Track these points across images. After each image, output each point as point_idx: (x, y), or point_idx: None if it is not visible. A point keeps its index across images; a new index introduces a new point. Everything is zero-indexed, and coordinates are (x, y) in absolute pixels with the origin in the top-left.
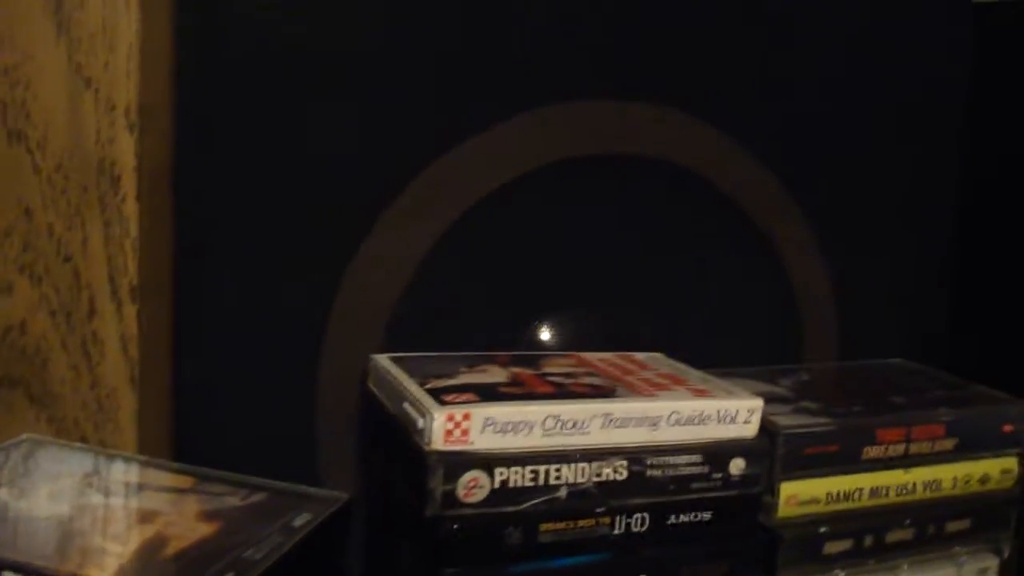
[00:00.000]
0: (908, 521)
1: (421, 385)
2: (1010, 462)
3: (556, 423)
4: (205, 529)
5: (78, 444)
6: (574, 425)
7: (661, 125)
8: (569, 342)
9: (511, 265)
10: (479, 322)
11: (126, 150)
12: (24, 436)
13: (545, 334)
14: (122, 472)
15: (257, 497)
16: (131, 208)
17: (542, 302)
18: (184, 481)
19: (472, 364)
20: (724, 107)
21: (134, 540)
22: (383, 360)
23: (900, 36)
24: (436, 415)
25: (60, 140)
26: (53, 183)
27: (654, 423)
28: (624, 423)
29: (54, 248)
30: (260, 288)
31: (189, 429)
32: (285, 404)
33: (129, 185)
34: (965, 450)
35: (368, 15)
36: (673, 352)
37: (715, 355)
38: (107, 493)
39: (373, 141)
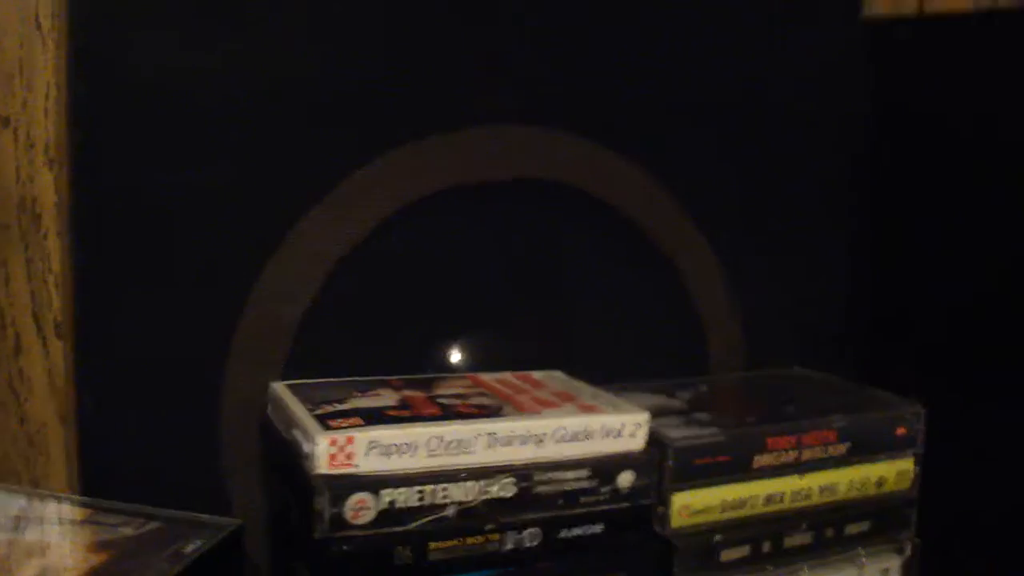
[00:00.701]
0: (805, 525)
1: (311, 411)
2: (906, 464)
3: (440, 443)
4: (95, 559)
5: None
6: (459, 445)
7: (557, 149)
8: (474, 363)
9: (412, 289)
10: (381, 347)
11: (46, 187)
12: None
13: (449, 356)
14: (15, 507)
15: (151, 526)
16: (53, 244)
17: (445, 325)
18: (80, 513)
19: (365, 389)
20: (623, 130)
21: (24, 573)
22: (279, 388)
23: (796, 53)
24: (319, 440)
25: None
26: None
27: (540, 440)
28: (509, 441)
29: None
30: (162, 319)
31: (96, 463)
32: (191, 435)
33: (50, 222)
34: (859, 454)
35: (259, 44)
36: (578, 369)
37: (620, 373)
38: (5, 528)
39: (268, 173)
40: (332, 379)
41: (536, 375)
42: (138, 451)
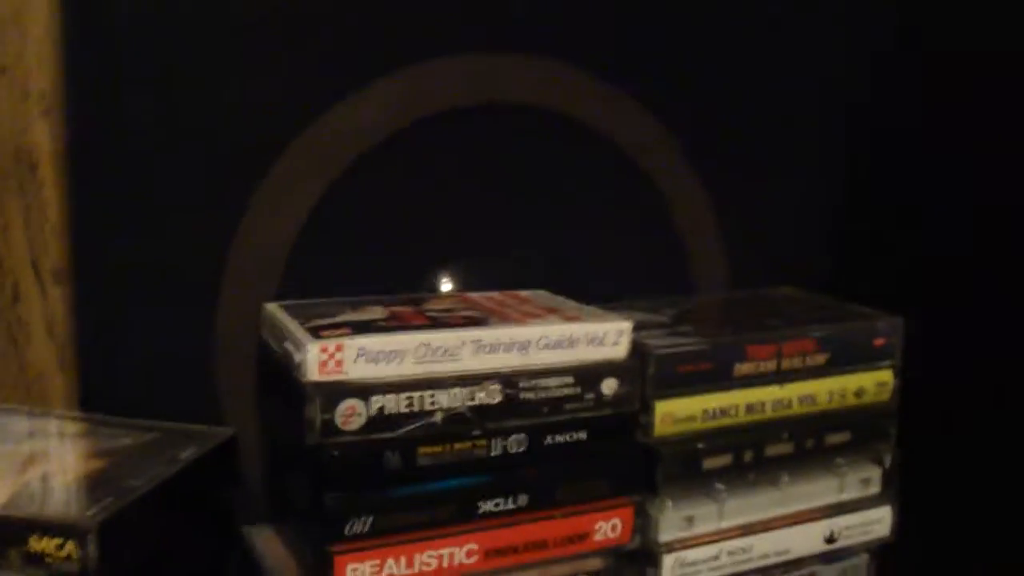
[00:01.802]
0: (786, 435)
1: (302, 324)
2: (885, 375)
3: (427, 351)
4: (94, 464)
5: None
6: (445, 352)
7: (545, 75)
8: (462, 287)
9: (402, 213)
10: (370, 272)
11: (42, 136)
12: None
13: (437, 279)
14: (24, 423)
15: (149, 436)
16: (50, 193)
17: (433, 249)
18: (84, 428)
19: (357, 306)
20: (603, 53)
21: (23, 477)
22: (272, 307)
23: None
24: (310, 347)
25: None
26: None
27: (524, 347)
28: (495, 348)
29: None
30: (156, 248)
31: (94, 390)
32: (187, 360)
33: (47, 171)
34: (837, 364)
35: None
36: (565, 291)
37: (605, 297)
38: (5, 441)
39: (257, 98)
40: (322, 299)
41: (523, 293)
42: (136, 379)
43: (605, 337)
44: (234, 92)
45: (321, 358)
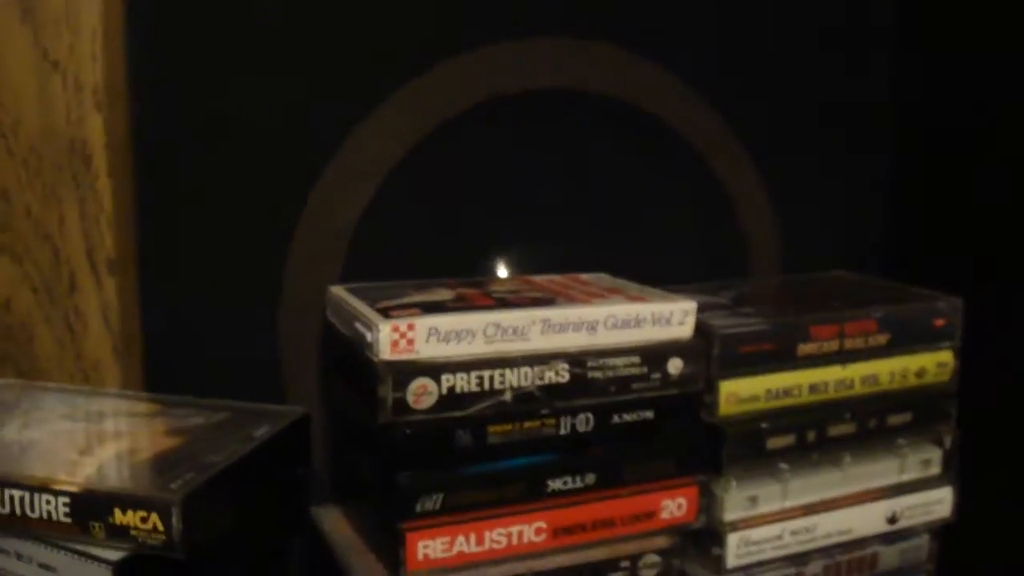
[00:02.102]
0: (849, 415)
1: (371, 306)
2: (945, 355)
3: (497, 330)
4: (170, 442)
5: (57, 385)
6: (515, 332)
7: (596, 59)
8: (521, 270)
9: (461, 197)
10: (433, 256)
11: (95, 129)
12: (4, 381)
13: (497, 264)
14: (95, 403)
15: (221, 416)
16: (104, 184)
17: (493, 235)
18: (154, 407)
19: (422, 288)
20: (655, 37)
21: (103, 454)
22: (339, 290)
23: None
24: (382, 327)
25: (32, 123)
26: (28, 165)
27: (592, 327)
28: (563, 328)
29: (32, 227)
30: (221, 231)
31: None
32: (252, 348)
33: (101, 163)
34: (899, 344)
35: None
36: (619, 272)
37: (663, 276)
38: (79, 420)
39: (319, 86)
40: (387, 282)
41: (584, 276)
42: (198, 365)
43: (671, 317)
44: (296, 77)
45: (393, 337)
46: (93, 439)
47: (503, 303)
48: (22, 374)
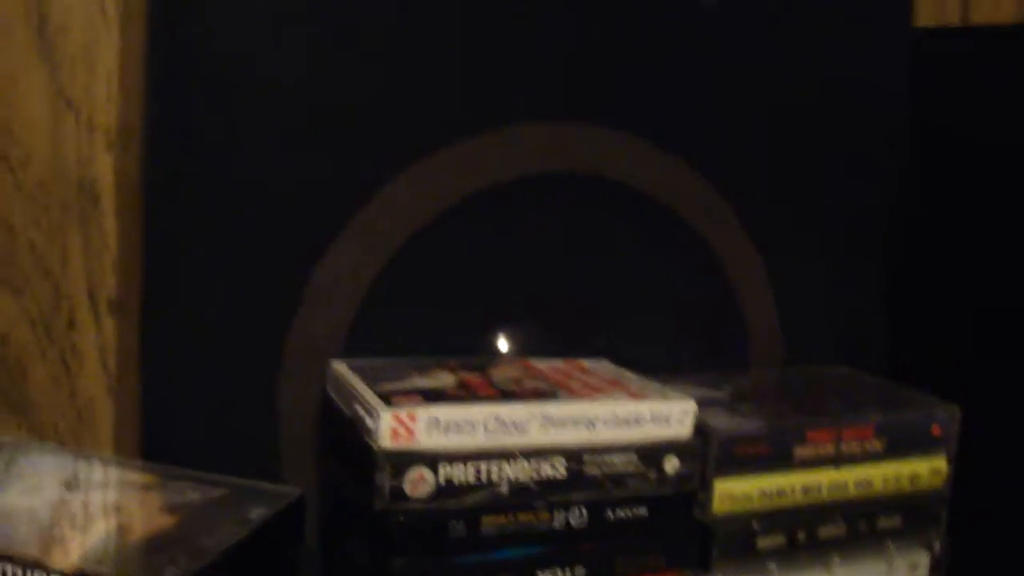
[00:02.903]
0: (840, 517)
1: (372, 389)
2: (940, 462)
3: (498, 423)
4: (165, 520)
5: (53, 445)
6: (515, 425)
7: (593, 141)
8: (523, 350)
9: (465, 277)
10: (434, 334)
11: (106, 169)
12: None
13: (500, 343)
14: (92, 471)
15: (217, 492)
16: (111, 225)
17: (495, 315)
18: (149, 479)
19: (423, 370)
20: (664, 123)
21: (97, 530)
22: (340, 366)
23: (840, 56)
24: (383, 415)
25: (42, 159)
26: (35, 200)
27: (591, 423)
28: (563, 423)
29: (35, 262)
30: (224, 299)
31: (157, 434)
32: (249, 411)
33: (108, 203)
34: (895, 450)
35: (323, 44)
36: (621, 359)
37: (662, 365)
38: (75, 489)
39: (329, 163)
40: (391, 359)
41: (585, 363)
42: (195, 425)
43: (671, 417)
44: (313, 150)
45: (393, 426)
46: (90, 512)
47: (504, 394)
48: (13, 406)
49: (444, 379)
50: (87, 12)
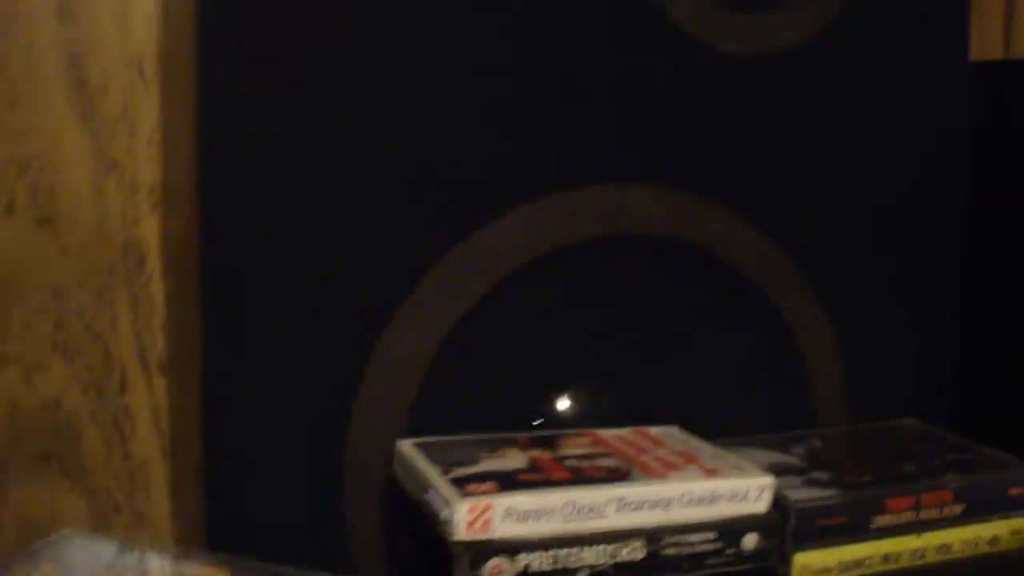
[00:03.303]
0: None
1: (444, 474)
2: (1019, 523)
3: (574, 509)
4: None
5: (115, 538)
6: (591, 510)
7: (661, 203)
8: (588, 415)
9: (532, 343)
10: (501, 399)
11: (150, 230)
12: (64, 531)
13: (565, 409)
14: (155, 564)
15: None
16: (157, 286)
17: (561, 380)
18: (218, 572)
19: (493, 448)
20: (723, 180)
21: None
22: (407, 447)
23: (899, 100)
24: (459, 507)
25: (86, 222)
26: (81, 264)
27: (668, 504)
28: (639, 506)
29: (85, 327)
30: (286, 367)
31: (219, 509)
32: (314, 485)
33: (155, 264)
34: (973, 514)
35: (373, 107)
36: (687, 420)
37: (729, 423)
38: None
39: (392, 229)
40: (458, 436)
41: (653, 431)
42: (260, 497)
43: (748, 493)
44: (371, 220)
45: (469, 518)
46: None
47: (577, 474)
48: (66, 472)
49: (514, 459)
50: (125, 72)
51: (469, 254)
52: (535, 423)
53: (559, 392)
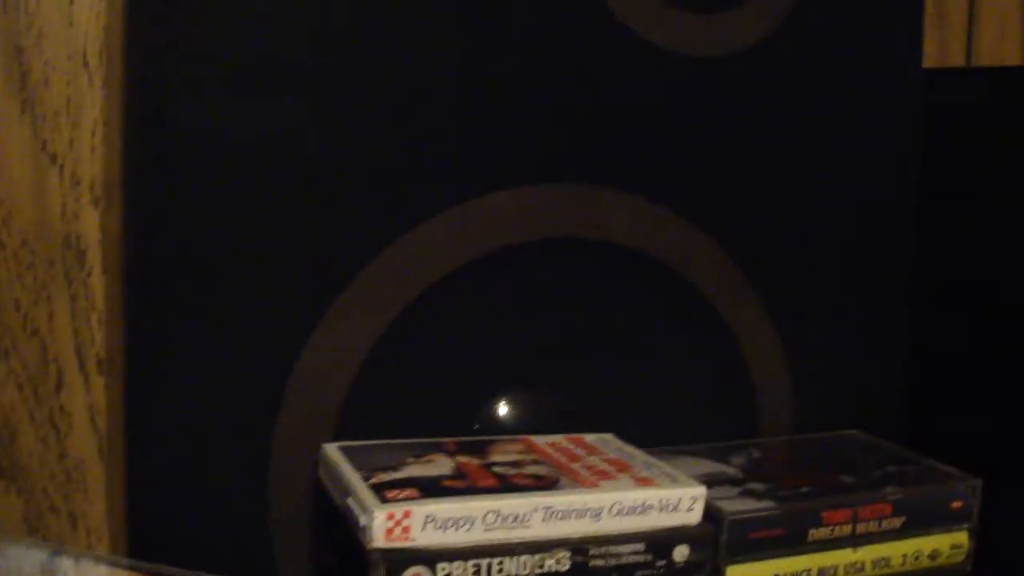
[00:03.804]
0: None
1: (366, 479)
2: (960, 537)
3: (497, 517)
4: None
5: (33, 541)
6: (515, 519)
7: (604, 206)
8: (524, 421)
9: (464, 349)
10: (433, 405)
11: (91, 225)
12: None
13: (500, 414)
14: (73, 570)
15: None
16: (97, 282)
17: (496, 384)
18: None
19: (420, 454)
20: (672, 186)
21: None
22: (332, 450)
23: (851, 108)
24: (377, 513)
25: (26, 216)
26: (19, 259)
27: (596, 514)
28: (566, 515)
29: (21, 323)
30: (212, 369)
31: (140, 514)
32: (239, 490)
33: (95, 259)
34: (914, 527)
35: (308, 106)
36: (628, 428)
37: (670, 432)
38: None
39: (322, 229)
40: (385, 441)
41: (588, 439)
42: (183, 501)
43: (679, 503)
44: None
45: (387, 525)
46: None
47: (504, 481)
48: (2, 471)
49: (441, 465)
50: (69, 65)
51: (400, 256)
52: (475, 427)
53: (495, 397)
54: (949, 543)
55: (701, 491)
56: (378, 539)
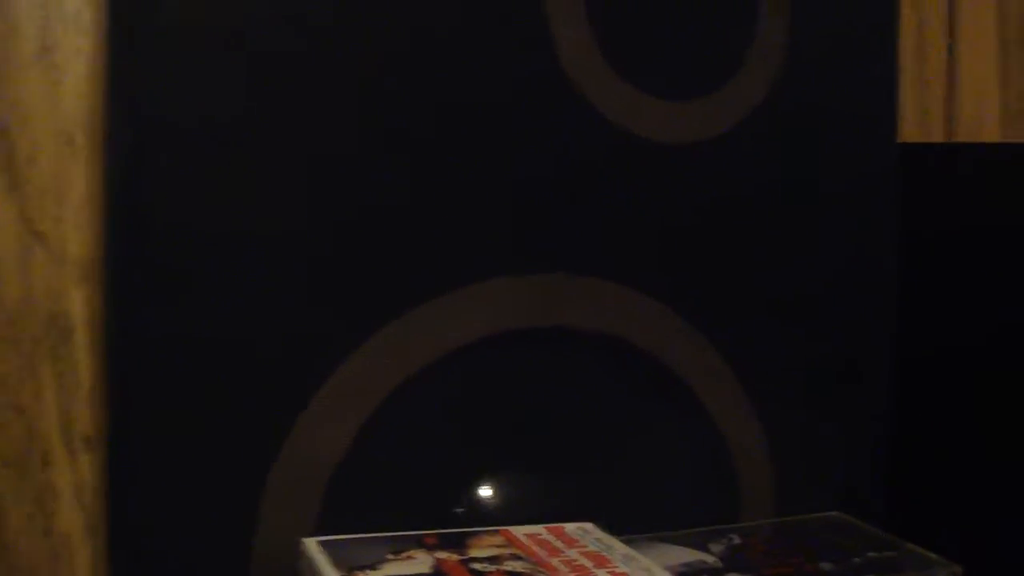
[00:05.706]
0: None
1: None
2: None
3: None
4: None
5: None
6: None
7: (581, 294)
8: (508, 510)
9: (446, 438)
10: (415, 495)
11: (78, 302)
12: None
13: (482, 498)
14: None
15: None
16: (84, 360)
17: (479, 470)
18: None
19: (399, 549)
20: (646, 272)
21: None
22: (312, 545)
23: (827, 191)
24: None
25: (12, 294)
26: (5, 337)
27: None
28: None
29: (7, 401)
30: (192, 462)
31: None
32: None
33: (82, 337)
34: None
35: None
36: (610, 515)
37: (652, 517)
38: None
39: (303, 325)
40: (365, 535)
41: (568, 529)
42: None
43: None
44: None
45: None
46: None
47: None
48: None
49: (419, 563)
50: (55, 142)
51: (382, 348)
52: (458, 510)
53: (477, 487)
54: None
55: None
56: None
